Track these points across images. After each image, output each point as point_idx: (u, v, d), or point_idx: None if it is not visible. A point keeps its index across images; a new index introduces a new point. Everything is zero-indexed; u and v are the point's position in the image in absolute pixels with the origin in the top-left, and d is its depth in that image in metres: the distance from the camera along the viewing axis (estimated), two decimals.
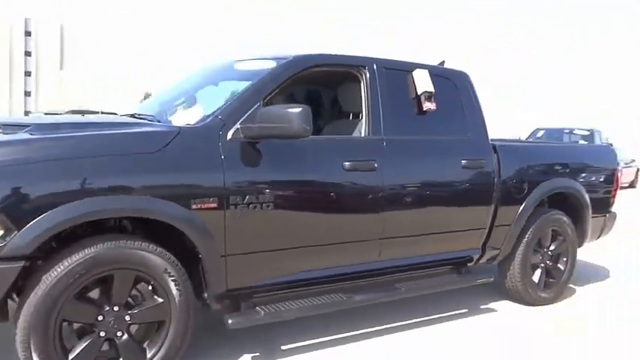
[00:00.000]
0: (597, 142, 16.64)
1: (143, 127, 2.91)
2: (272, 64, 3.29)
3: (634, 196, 14.37)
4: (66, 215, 2.40)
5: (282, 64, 3.25)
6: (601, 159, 4.97)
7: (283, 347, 3.32)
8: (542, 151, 4.80)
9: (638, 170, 18.19)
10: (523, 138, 14.14)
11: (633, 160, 18.12)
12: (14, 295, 2.52)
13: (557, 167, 4.48)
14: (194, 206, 2.71)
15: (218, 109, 2.97)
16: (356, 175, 3.28)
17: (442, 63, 4.19)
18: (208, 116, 2.95)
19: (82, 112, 3.33)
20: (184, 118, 3.06)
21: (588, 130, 17.09)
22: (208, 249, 2.77)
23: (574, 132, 17.05)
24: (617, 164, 5.12)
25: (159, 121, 3.09)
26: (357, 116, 3.61)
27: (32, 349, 2.38)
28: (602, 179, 4.85)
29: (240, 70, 3.54)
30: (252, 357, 3.17)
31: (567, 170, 4.53)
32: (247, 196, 2.86)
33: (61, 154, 2.51)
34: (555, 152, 4.85)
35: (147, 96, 4.29)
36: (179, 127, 2.87)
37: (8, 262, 2.31)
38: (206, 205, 2.74)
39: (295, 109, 2.81)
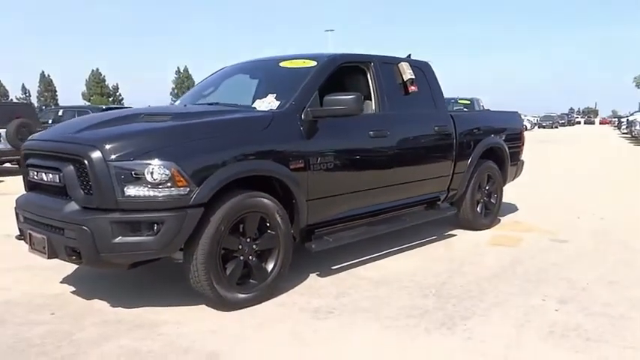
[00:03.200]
0: (477, 108, 19.40)
1: (251, 113, 4.02)
2: (314, 63, 4.50)
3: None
4: (225, 175, 3.49)
5: (324, 63, 4.48)
6: (513, 122, 6.78)
7: (333, 267, 4.62)
8: (479, 118, 6.48)
9: None
10: None
11: None
12: None
13: (489, 129, 6.16)
14: (291, 166, 3.90)
15: (292, 98, 4.14)
16: (377, 141, 4.63)
17: (409, 56, 5.61)
18: (286, 103, 4.11)
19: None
20: (264, 105, 4.18)
21: (469, 100, 19.80)
22: (300, 196, 3.97)
23: (458, 101, 19.62)
24: (523, 126, 6.96)
25: (254, 108, 4.19)
26: (367, 98, 4.90)
27: (209, 270, 3.46)
28: (514, 137, 6.65)
29: (286, 68, 4.67)
30: (316, 274, 4.43)
31: (495, 131, 6.24)
32: (318, 158, 4.10)
33: (212, 134, 3.60)
34: (486, 118, 6.56)
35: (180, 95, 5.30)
36: (273, 111, 4.02)
37: (195, 208, 3.37)
38: (297, 166, 3.94)
39: (351, 95, 4.09)
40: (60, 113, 15.60)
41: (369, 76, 4.86)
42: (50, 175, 3.56)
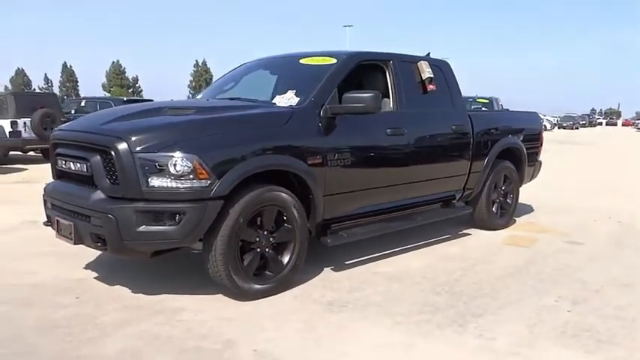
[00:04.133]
0: (495, 108, 19.28)
1: (271, 108, 4.12)
2: (333, 61, 4.57)
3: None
4: (245, 168, 3.60)
5: (343, 61, 4.55)
6: (532, 123, 6.78)
7: (347, 262, 4.70)
8: (497, 118, 6.49)
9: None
10: None
11: None
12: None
13: (507, 129, 6.18)
14: (309, 162, 3.99)
15: (311, 94, 4.22)
16: (394, 138, 4.69)
17: (428, 54, 5.65)
18: (306, 99, 4.20)
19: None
20: (283, 101, 4.26)
21: (488, 99, 19.69)
22: (317, 191, 4.05)
23: (476, 100, 19.52)
24: (542, 126, 6.96)
25: (273, 104, 4.28)
26: (385, 95, 4.96)
27: (227, 260, 3.57)
28: (533, 137, 6.66)
29: (306, 64, 4.75)
30: (330, 268, 4.52)
31: (513, 131, 6.25)
32: (335, 154, 4.18)
33: (233, 128, 3.70)
34: (504, 118, 6.58)
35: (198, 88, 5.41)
36: (293, 107, 4.10)
37: (216, 200, 3.48)
38: (315, 161, 4.03)
39: (370, 94, 4.15)
40: (82, 104, 15.91)
41: (387, 74, 4.92)
42: (78, 165, 3.70)
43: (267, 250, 3.85)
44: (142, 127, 3.63)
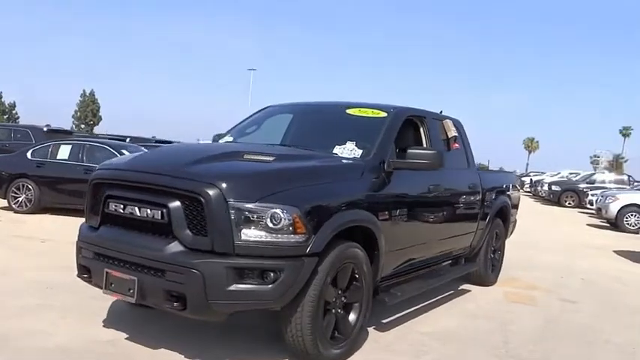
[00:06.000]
0: None
1: (346, 160, 3.93)
2: (384, 114, 4.52)
3: None
4: (336, 223, 3.37)
5: (395, 116, 4.51)
6: (513, 181, 7.15)
7: (384, 320, 4.54)
8: (495, 177, 6.74)
9: None
10: None
11: None
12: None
13: (500, 187, 6.46)
14: (380, 217, 3.84)
15: (374, 147, 4.11)
16: (434, 195, 4.70)
17: (441, 112, 5.81)
18: (370, 152, 4.08)
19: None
20: (345, 152, 4.11)
21: None
22: (383, 247, 3.90)
23: None
24: (519, 185, 7.36)
25: (335, 154, 4.08)
26: None
27: (315, 324, 3.28)
28: (514, 196, 7.02)
29: (355, 116, 4.62)
30: (373, 328, 4.32)
31: (504, 190, 6.55)
32: (397, 209, 4.08)
33: (320, 180, 3.49)
34: (498, 177, 6.86)
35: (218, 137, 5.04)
36: (363, 160, 3.96)
37: (311, 257, 3.20)
38: (384, 217, 3.89)
39: (434, 151, 4.15)
40: None
41: (422, 130, 4.94)
42: (148, 211, 3.22)
43: (339, 310, 3.60)
44: (234, 173, 3.29)
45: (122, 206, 3.34)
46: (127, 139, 17.66)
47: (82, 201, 9.23)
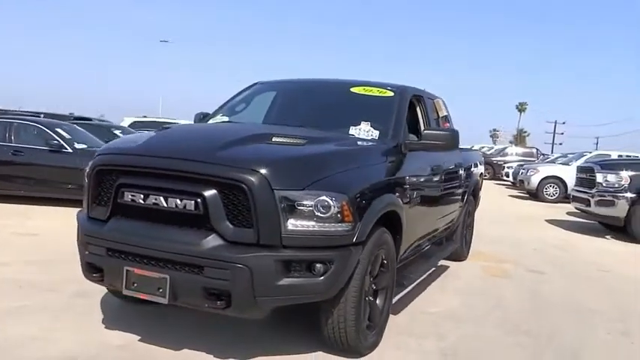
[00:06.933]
0: None
1: (373, 143, 3.74)
2: (390, 93, 4.37)
3: None
4: (377, 209, 3.20)
5: (402, 94, 4.38)
6: (479, 159, 7.30)
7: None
8: (470, 156, 6.77)
9: None
10: None
11: None
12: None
13: (473, 165, 6.57)
14: (404, 200, 3.72)
15: (389, 129, 3.97)
16: (435, 174, 4.65)
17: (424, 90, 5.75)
18: (387, 133, 3.92)
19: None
20: (362, 133, 3.92)
21: None
22: (405, 230, 3.79)
23: None
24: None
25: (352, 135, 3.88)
26: (415, 130, 4.85)
27: (358, 313, 3.12)
28: (480, 173, 7.19)
29: (360, 95, 4.41)
30: None
31: (477, 168, 6.68)
32: (414, 192, 3.99)
33: (358, 164, 3.30)
34: (471, 156, 6.95)
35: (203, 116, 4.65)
36: (385, 142, 3.79)
37: (357, 246, 3.02)
38: (405, 199, 3.78)
39: (449, 131, 4.07)
40: None
41: (419, 109, 4.87)
42: (178, 201, 2.86)
43: (370, 298, 3.47)
44: (277, 158, 2.99)
45: (142, 196, 2.95)
46: (42, 115, 16.19)
47: (10, 185, 8.64)
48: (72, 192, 8.04)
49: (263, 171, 2.79)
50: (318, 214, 2.84)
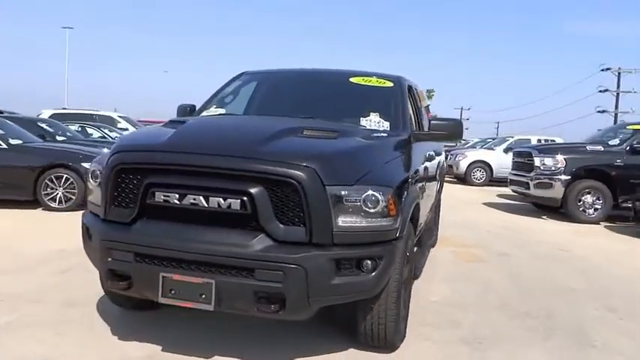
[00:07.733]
0: None
1: (394, 135, 3.68)
2: (389, 84, 4.35)
3: None
4: (412, 201, 3.19)
5: (401, 84, 4.37)
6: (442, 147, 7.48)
7: None
8: (438, 144, 6.91)
9: None
10: None
11: None
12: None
13: (441, 152, 6.71)
14: (419, 190, 3.73)
15: (400, 120, 3.95)
16: (428, 163, 4.70)
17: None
18: (397, 125, 3.90)
19: None
20: (372, 124, 3.87)
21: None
22: (420, 220, 3.81)
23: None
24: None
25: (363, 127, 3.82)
26: None
27: (399, 308, 3.10)
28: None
29: (360, 85, 4.34)
30: None
31: (442, 155, 6.83)
32: (423, 182, 4.03)
33: (391, 157, 3.25)
34: (440, 144, 7.06)
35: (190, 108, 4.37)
36: (398, 133, 3.77)
37: (400, 240, 2.98)
38: (420, 189, 3.79)
39: (454, 121, 4.12)
40: None
41: (410, 99, 4.87)
42: (221, 200, 2.66)
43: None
44: (324, 153, 2.86)
45: (178, 196, 2.72)
46: None
47: None
48: (8, 192, 7.38)
49: (315, 166, 2.67)
50: (366, 209, 2.76)
